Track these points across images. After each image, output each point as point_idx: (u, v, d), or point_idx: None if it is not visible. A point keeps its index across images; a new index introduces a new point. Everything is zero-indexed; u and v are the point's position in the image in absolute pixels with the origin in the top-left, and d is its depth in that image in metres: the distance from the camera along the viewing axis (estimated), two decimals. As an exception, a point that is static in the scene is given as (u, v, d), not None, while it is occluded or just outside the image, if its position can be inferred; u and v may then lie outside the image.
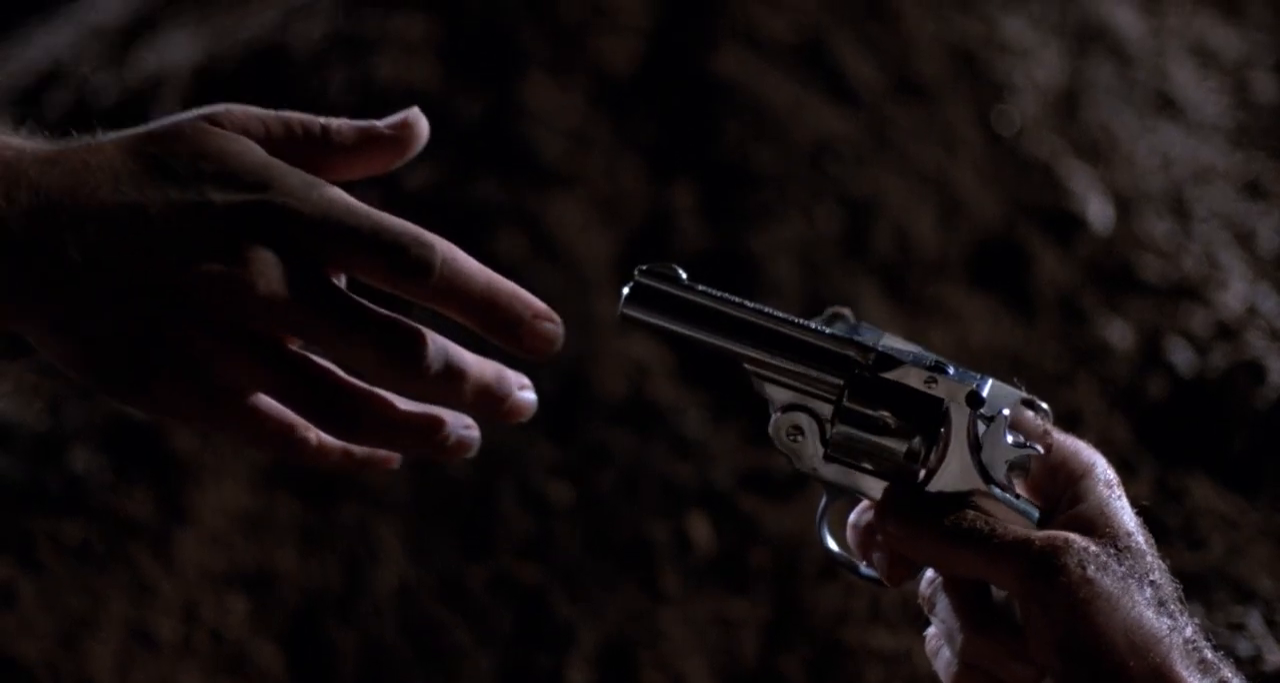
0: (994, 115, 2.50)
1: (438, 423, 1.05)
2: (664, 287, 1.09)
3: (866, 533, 1.10)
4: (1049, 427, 1.06)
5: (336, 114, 1.05)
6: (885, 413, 1.05)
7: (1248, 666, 1.65)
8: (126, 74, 2.71)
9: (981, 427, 1.06)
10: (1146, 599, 0.99)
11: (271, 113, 1.07)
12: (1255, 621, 1.71)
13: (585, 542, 2.01)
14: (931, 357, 1.07)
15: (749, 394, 1.10)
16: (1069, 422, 2.04)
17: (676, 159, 2.43)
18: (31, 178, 0.98)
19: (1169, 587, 1.01)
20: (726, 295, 1.09)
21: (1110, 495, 1.04)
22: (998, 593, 1.05)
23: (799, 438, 1.08)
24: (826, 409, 1.07)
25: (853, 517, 1.12)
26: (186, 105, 2.65)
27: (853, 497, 1.10)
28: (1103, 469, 1.06)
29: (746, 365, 1.09)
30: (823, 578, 1.97)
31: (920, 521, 1.03)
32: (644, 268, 1.09)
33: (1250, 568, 1.81)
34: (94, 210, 0.98)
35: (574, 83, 2.53)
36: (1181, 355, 2.09)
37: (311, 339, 1.02)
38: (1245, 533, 1.87)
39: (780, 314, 1.09)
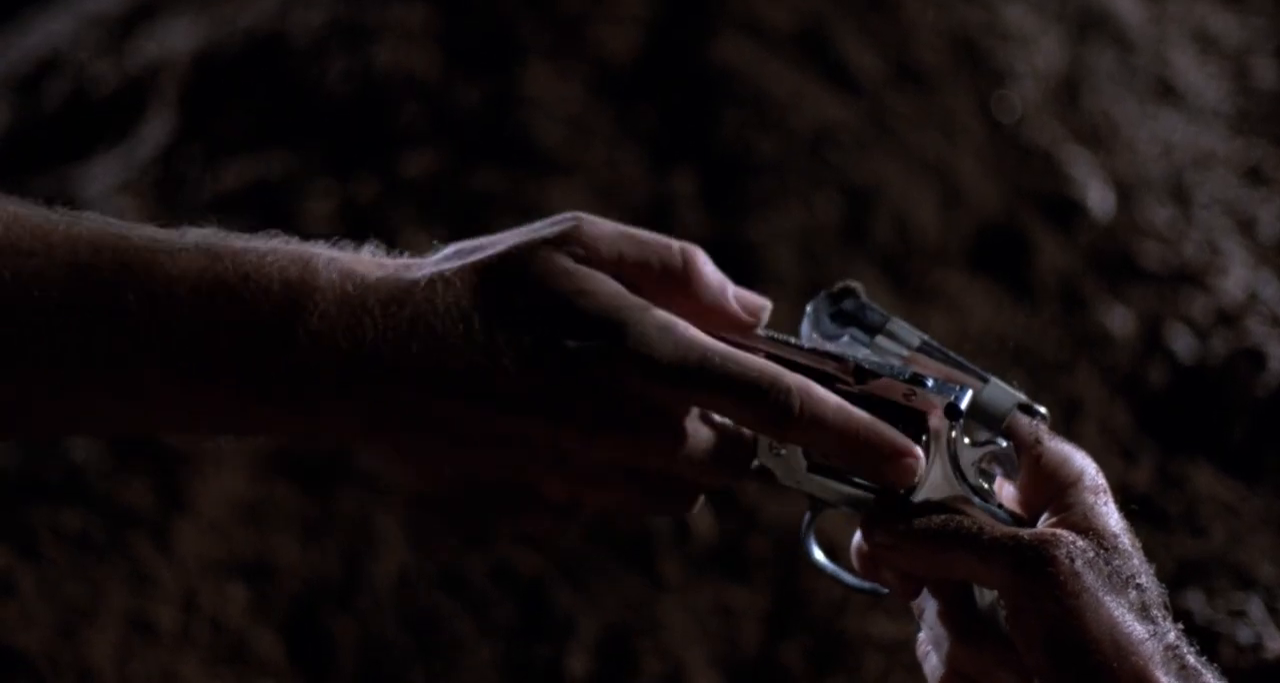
0: (994, 102, 2.49)
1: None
2: None
3: (871, 554, 1.11)
4: (1040, 435, 1.06)
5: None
6: None
7: (1249, 653, 1.65)
8: (125, 62, 2.71)
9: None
10: (1130, 602, 0.98)
11: (625, 231, 1.06)
12: (1256, 607, 1.71)
13: (586, 531, 2.01)
14: (909, 369, 1.07)
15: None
16: (1069, 409, 2.04)
17: (676, 148, 2.43)
18: (376, 318, 0.97)
19: (1154, 591, 1.01)
20: None
21: (1097, 501, 1.04)
22: (983, 601, 1.05)
23: (782, 452, 1.08)
24: None
25: (856, 540, 1.12)
26: (186, 94, 2.63)
27: (838, 509, 1.10)
28: (1091, 477, 1.05)
29: None
30: (823, 566, 1.96)
31: (909, 527, 1.04)
32: None
33: (1251, 555, 1.81)
34: (442, 360, 0.97)
35: (574, 71, 2.53)
36: (1182, 342, 2.09)
37: (653, 470, 1.05)
38: (1246, 520, 1.87)
39: (758, 332, 1.09)
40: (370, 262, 1.02)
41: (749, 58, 2.51)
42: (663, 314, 1.01)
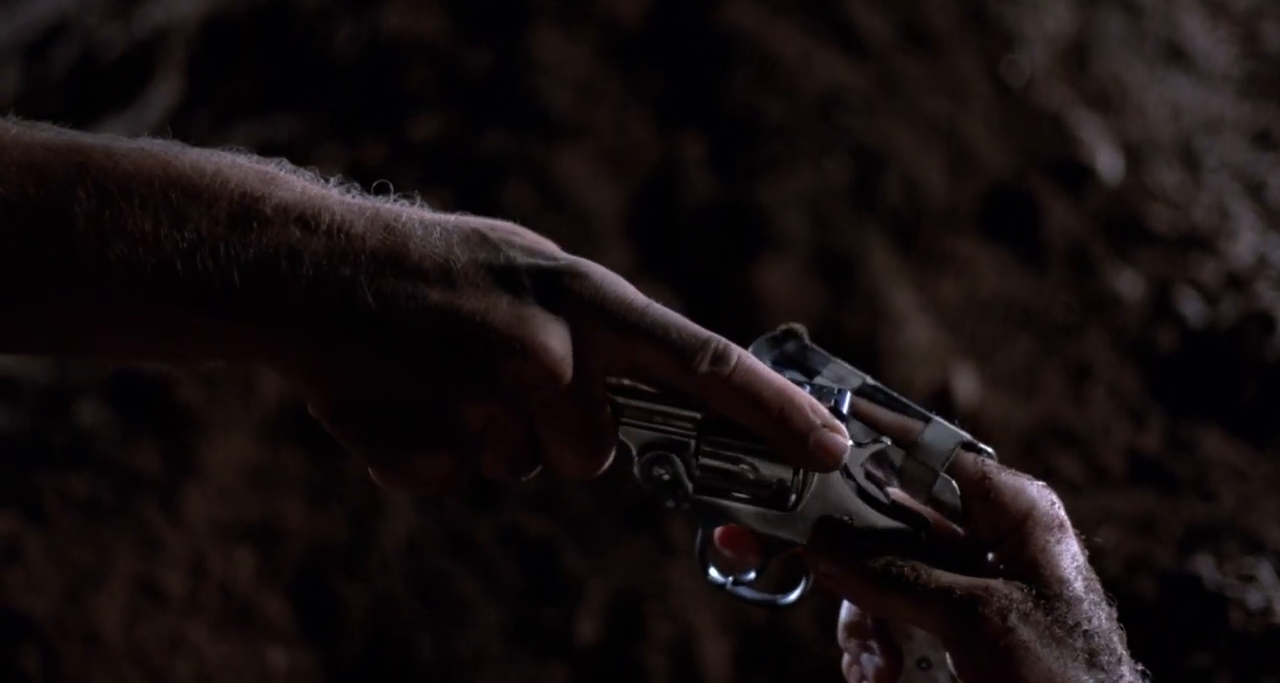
0: (1004, 66, 2.49)
1: None
2: None
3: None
4: (987, 471, 1.03)
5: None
6: (745, 440, 1.03)
7: (1259, 617, 1.65)
8: (133, 26, 2.71)
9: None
10: (1076, 650, 0.97)
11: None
12: (1266, 572, 1.71)
13: (594, 494, 2.01)
14: (796, 375, 1.06)
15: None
16: (1079, 373, 2.04)
17: (685, 111, 2.42)
18: (334, 209, 0.95)
19: (1106, 635, 0.99)
20: None
21: (1049, 540, 1.00)
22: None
23: (665, 476, 1.05)
24: (688, 444, 1.05)
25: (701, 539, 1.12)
26: (193, 59, 2.62)
27: (727, 525, 1.09)
28: (1044, 511, 1.01)
29: None
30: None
31: (853, 562, 1.02)
32: None
33: (1261, 519, 1.81)
34: (397, 257, 0.96)
35: (582, 35, 2.52)
36: (1192, 306, 2.09)
37: (552, 428, 1.02)
38: (1255, 484, 1.87)
39: None
40: (334, 189, 1.00)
41: (757, 20, 2.50)
42: (614, 274, 1.01)
